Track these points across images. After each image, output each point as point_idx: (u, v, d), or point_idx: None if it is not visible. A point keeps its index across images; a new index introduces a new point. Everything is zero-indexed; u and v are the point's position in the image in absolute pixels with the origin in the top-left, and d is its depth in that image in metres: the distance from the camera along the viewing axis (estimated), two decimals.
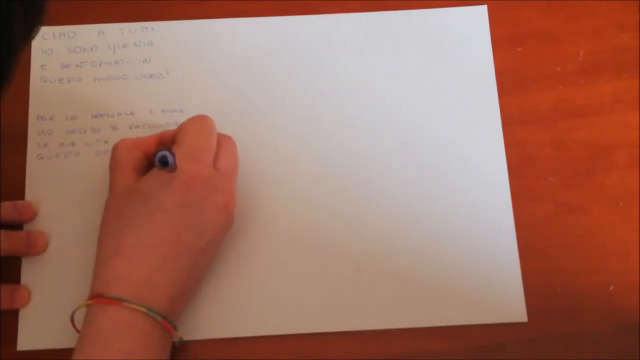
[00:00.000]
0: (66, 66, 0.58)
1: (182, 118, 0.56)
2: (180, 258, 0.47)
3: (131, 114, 0.57)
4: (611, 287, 0.53)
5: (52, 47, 0.58)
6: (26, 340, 0.51)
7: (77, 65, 0.58)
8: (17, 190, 0.55)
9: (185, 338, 0.51)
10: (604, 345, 0.52)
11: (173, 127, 0.53)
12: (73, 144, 0.56)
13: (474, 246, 0.54)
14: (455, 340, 0.52)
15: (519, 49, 0.59)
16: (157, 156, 0.46)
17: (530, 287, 0.53)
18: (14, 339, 0.51)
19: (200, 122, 0.51)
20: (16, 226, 0.53)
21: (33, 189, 0.55)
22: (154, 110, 0.57)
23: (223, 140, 0.52)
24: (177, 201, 0.47)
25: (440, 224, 0.54)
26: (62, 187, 0.55)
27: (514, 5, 0.60)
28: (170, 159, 0.46)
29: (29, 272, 0.53)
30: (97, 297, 0.46)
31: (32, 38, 0.36)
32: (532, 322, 0.52)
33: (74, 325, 0.48)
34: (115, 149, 0.51)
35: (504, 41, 0.59)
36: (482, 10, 0.60)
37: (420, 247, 0.54)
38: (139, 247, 0.46)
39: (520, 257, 0.54)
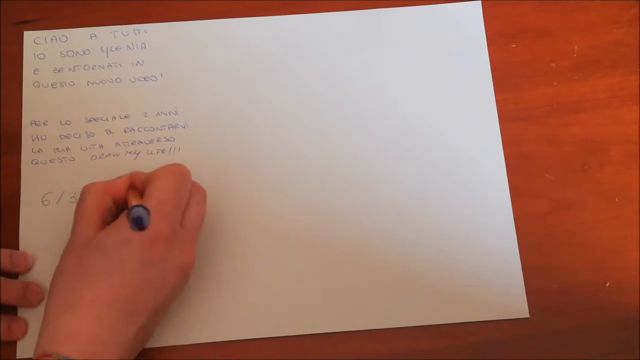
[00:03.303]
0: (59, 70, 0.57)
1: (177, 120, 0.56)
2: (135, 317, 0.45)
3: (126, 117, 0.56)
4: (607, 284, 0.53)
5: (44, 51, 0.58)
6: (26, 347, 0.51)
7: (70, 70, 0.57)
8: (12, 196, 0.55)
9: (184, 342, 0.51)
10: (601, 342, 0.52)
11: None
12: (68, 149, 0.56)
13: (474, 243, 0.54)
14: (455, 339, 0.52)
15: (513, 45, 0.59)
16: (132, 215, 0.45)
17: (527, 284, 0.53)
18: (13, 345, 0.51)
19: (174, 173, 0.49)
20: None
21: (28, 195, 0.54)
22: (148, 113, 0.57)
23: (194, 193, 0.50)
24: (138, 260, 0.45)
25: (439, 221, 0.54)
26: (58, 193, 0.54)
27: (507, 2, 0.60)
28: (145, 221, 0.45)
29: None
30: (44, 356, 0.43)
31: None
32: (529, 319, 0.52)
33: None
34: (84, 193, 0.49)
35: (498, 38, 0.59)
36: (477, 6, 0.60)
37: (419, 245, 0.54)
38: (94, 305, 0.44)
39: None
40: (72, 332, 0.44)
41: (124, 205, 0.49)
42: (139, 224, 0.46)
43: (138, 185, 0.50)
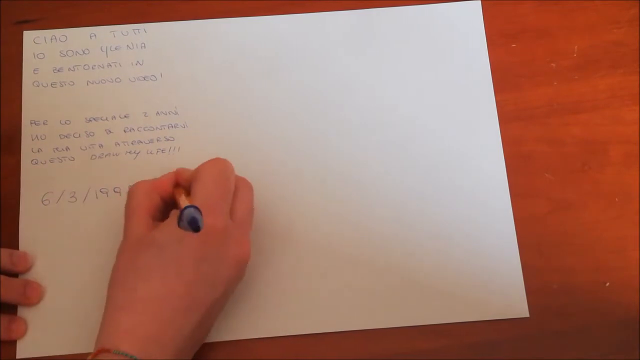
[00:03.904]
0: (59, 70, 0.57)
1: (177, 120, 0.56)
2: (191, 313, 0.46)
3: (125, 117, 0.56)
4: (607, 284, 0.53)
5: (43, 51, 0.58)
6: (25, 347, 0.51)
7: (69, 69, 0.57)
8: (12, 196, 0.55)
9: None
10: (601, 342, 0.52)
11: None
12: (67, 148, 0.55)
13: (474, 243, 0.54)
14: (455, 339, 0.52)
15: (513, 45, 0.59)
16: (186, 217, 0.46)
17: (527, 284, 0.53)
18: (13, 345, 0.51)
19: (218, 167, 0.50)
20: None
21: (28, 194, 0.54)
22: (148, 113, 0.57)
23: (240, 186, 0.51)
24: (193, 256, 0.46)
25: (439, 221, 0.54)
26: (58, 193, 0.54)
27: (507, 2, 0.60)
28: (200, 222, 0.46)
29: None
30: (103, 352, 0.44)
31: None
32: (529, 319, 0.52)
33: None
34: (132, 192, 0.50)
35: (497, 37, 0.59)
36: (476, 5, 0.60)
37: (419, 245, 0.54)
38: (150, 301, 0.45)
39: None
40: (129, 329, 0.44)
41: (171, 203, 0.50)
42: (194, 226, 0.46)
43: (183, 182, 0.51)
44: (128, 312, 0.45)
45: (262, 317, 0.52)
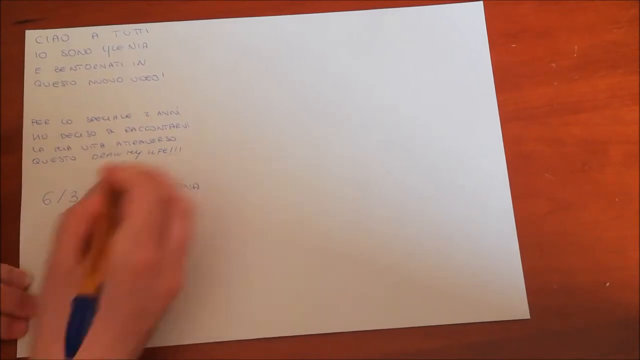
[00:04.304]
0: (60, 70, 0.57)
1: (178, 120, 0.56)
2: (123, 346, 0.45)
3: (127, 116, 0.56)
4: (607, 284, 0.53)
5: (45, 50, 0.58)
6: (26, 347, 0.51)
7: (71, 69, 0.57)
8: (13, 195, 0.55)
9: (185, 342, 0.52)
10: (601, 342, 0.52)
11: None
12: (69, 148, 0.56)
13: (474, 243, 0.54)
14: (455, 339, 0.52)
15: (514, 45, 0.59)
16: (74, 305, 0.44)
17: (527, 284, 0.53)
18: (13, 344, 0.51)
19: (153, 192, 0.46)
20: None
21: (29, 194, 0.54)
22: (150, 113, 0.57)
23: (178, 209, 0.48)
24: (122, 292, 0.44)
25: (440, 222, 0.55)
26: (59, 192, 0.54)
27: (508, 2, 0.60)
28: (86, 326, 0.44)
29: None
30: None
31: None
32: (529, 320, 0.52)
33: None
34: (62, 219, 0.47)
35: (498, 37, 0.59)
36: (478, 6, 0.60)
37: (420, 245, 0.54)
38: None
39: None
40: None
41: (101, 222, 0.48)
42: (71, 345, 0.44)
43: (115, 184, 0.47)
44: (60, 346, 0.43)
45: (263, 318, 0.52)
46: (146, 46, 0.58)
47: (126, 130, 0.56)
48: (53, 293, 0.46)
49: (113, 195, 0.48)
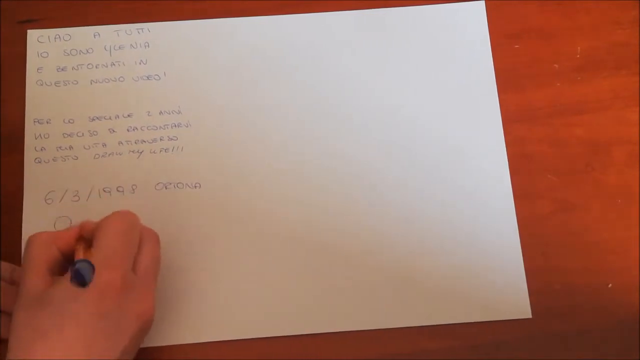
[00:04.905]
0: (62, 69, 0.57)
1: (180, 119, 0.56)
2: None
3: (129, 116, 0.57)
4: (610, 285, 0.53)
5: (47, 50, 0.58)
6: None
7: (73, 68, 0.57)
8: (15, 195, 0.55)
9: (184, 342, 0.51)
10: (603, 343, 0.52)
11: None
12: (71, 147, 0.56)
13: (477, 243, 0.54)
14: (457, 339, 0.52)
15: (516, 46, 0.59)
16: (73, 270, 0.44)
17: (529, 285, 0.53)
18: None
19: (122, 220, 0.48)
20: None
21: (31, 193, 0.54)
22: (151, 112, 0.57)
23: (145, 238, 0.49)
24: (91, 312, 0.44)
25: (442, 222, 0.54)
26: (61, 192, 0.54)
27: (510, 2, 0.60)
28: (87, 277, 0.44)
29: None
30: None
31: None
32: (531, 320, 0.52)
33: None
34: (29, 244, 0.47)
35: (500, 38, 0.59)
36: (480, 6, 0.60)
37: (422, 245, 0.54)
38: None
39: None
40: None
41: (72, 257, 0.48)
42: (79, 280, 0.44)
43: (86, 234, 0.48)
44: None
45: (264, 317, 0.52)
46: (148, 46, 0.58)
47: (128, 130, 0.56)
48: (26, 317, 0.45)
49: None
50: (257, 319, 0.52)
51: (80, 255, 0.46)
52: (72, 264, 0.45)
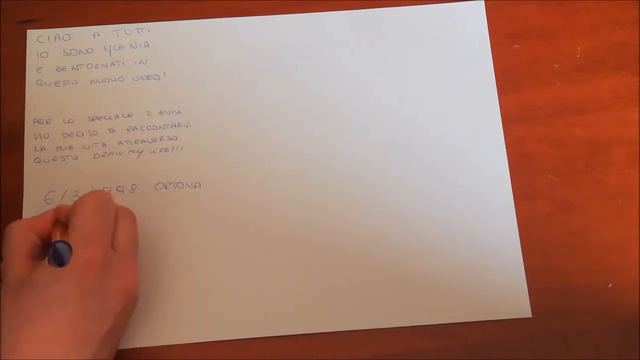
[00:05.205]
0: (62, 69, 0.57)
1: (180, 119, 0.56)
2: (82, 349, 0.44)
3: (129, 116, 0.56)
4: (610, 285, 0.53)
5: (47, 49, 0.58)
6: None
7: (73, 68, 0.57)
8: (15, 195, 0.55)
9: (183, 341, 0.51)
10: (603, 343, 0.52)
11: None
12: (71, 147, 0.56)
13: (476, 243, 0.54)
14: (457, 339, 0.52)
15: (516, 46, 0.59)
16: (51, 251, 0.45)
17: (529, 285, 0.53)
18: None
19: (95, 200, 0.48)
20: None
21: (31, 193, 0.54)
22: (151, 112, 0.57)
23: (121, 215, 0.49)
24: (75, 291, 0.44)
25: (442, 222, 0.54)
26: (61, 192, 0.54)
27: (510, 2, 0.60)
28: (65, 257, 0.45)
29: None
30: None
31: None
32: (531, 320, 0.52)
33: None
34: (7, 233, 0.48)
35: (500, 38, 0.59)
36: (480, 6, 0.60)
37: (422, 245, 0.54)
38: (36, 342, 0.43)
39: None
40: None
41: (51, 241, 0.48)
42: (58, 261, 0.45)
43: (62, 218, 0.49)
44: (16, 355, 0.43)
45: (260, 317, 0.52)
46: (148, 45, 0.58)
47: (128, 130, 0.56)
48: (12, 304, 0.45)
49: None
50: (254, 319, 0.52)
51: (57, 237, 0.47)
52: (50, 245, 0.45)
